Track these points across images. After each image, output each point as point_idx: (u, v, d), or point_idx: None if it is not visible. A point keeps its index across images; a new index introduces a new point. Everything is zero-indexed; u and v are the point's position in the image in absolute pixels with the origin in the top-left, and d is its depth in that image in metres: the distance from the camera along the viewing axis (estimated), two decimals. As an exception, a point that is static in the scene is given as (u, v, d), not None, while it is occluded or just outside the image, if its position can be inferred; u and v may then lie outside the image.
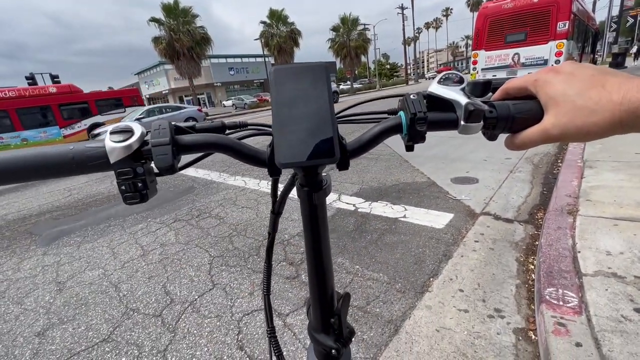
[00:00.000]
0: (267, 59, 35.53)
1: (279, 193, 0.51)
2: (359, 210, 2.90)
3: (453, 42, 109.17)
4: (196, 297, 1.95)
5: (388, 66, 74.64)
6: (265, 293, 0.56)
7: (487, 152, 4.20)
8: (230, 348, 1.54)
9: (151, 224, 3.26)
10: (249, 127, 0.44)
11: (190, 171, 5.29)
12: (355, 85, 43.80)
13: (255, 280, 2.05)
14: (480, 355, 1.33)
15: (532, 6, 8.07)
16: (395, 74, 71.63)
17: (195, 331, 1.67)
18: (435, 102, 0.37)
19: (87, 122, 14.65)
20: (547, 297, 1.43)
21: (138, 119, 12.50)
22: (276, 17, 29.71)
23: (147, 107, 13.78)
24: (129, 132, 0.33)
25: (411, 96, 0.37)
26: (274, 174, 0.37)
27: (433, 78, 0.42)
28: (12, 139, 13.40)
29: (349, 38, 35.14)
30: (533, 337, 1.38)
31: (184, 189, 4.34)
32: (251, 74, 49.60)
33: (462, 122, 0.35)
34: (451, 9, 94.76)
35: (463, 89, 0.36)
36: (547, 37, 7.97)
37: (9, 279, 2.49)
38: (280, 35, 29.65)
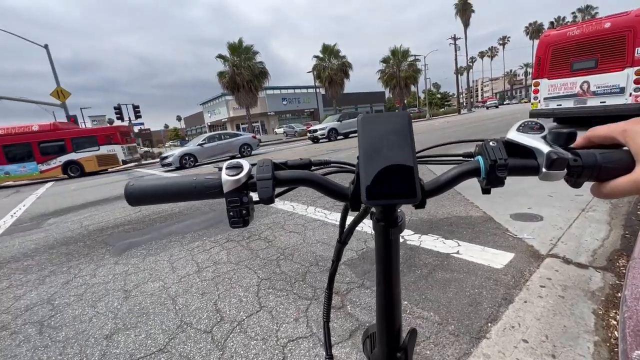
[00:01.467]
0: (317, 90, 37.28)
1: (346, 223, 0.54)
2: (408, 242, 2.81)
3: (510, 71, 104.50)
4: (244, 317, 2.01)
5: (439, 95, 73.37)
6: (325, 320, 0.58)
7: (552, 187, 3.84)
8: (274, 373, 1.55)
9: (206, 242, 3.49)
10: (332, 164, 0.49)
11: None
12: (404, 115, 43.46)
13: (300, 306, 2.06)
14: (550, 420, 1.16)
15: (603, 32, 7.51)
16: (446, 103, 69.99)
17: (242, 352, 1.71)
18: (514, 148, 0.38)
19: (62, 159, 15.53)
20: (636, 360, 1.22)
21: (200, 144, 13.75)
22: (328, 51, 31.41)
23: (208, 134, 15.12)
24: (239, 167, 0.40)
25: (490, 143, 0.39)
26: (355, 209, 0.41)
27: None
28: None
29: (399, 69, 35.60)
30: (619, 407, 1.18)
31: (236, 211, 4.60)
32: (302, 104, 52.24)
33: (544, 170, 0.36)
34: (508, 37, 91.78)
35: (544, 137, 0.37)
36: (623, 64, 7.27)
37: (87, 283, 2.82)
38: (331, 68, 31.13)
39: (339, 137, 18.56)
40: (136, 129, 24.28)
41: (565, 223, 2.81)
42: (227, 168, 0.40)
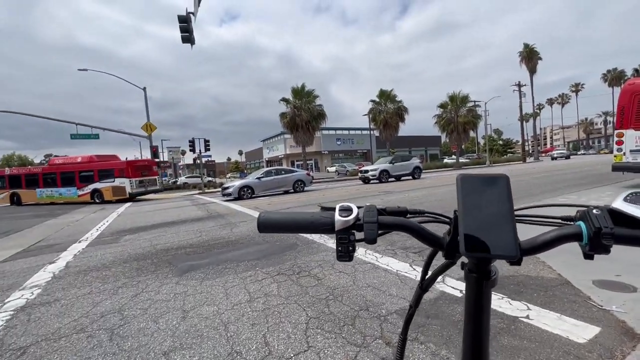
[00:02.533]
0: (372, 132, 37.95)
1: (429, 272, 0.57)
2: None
3: (586, 119, 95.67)
4: (292, 355, 2.00)
5: (500, 142, 69.36)
6: None
7: (649, 253, 3.29)
8: (320, 421, 1.48)
9: (258, 273, 3.60)
10: (426, 214, 0.54)
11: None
12: (462, 160, 41.72)
13: (349, 352, 1.99)
14: None
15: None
16: (509, 150, 65.68)
17: (288, 391, 1.69)
18: (621, 218, 0.39)
19: (90, 187, 18.78)
20: None
21: (258, 178, 14.64)
22: (385, 96, 32.32)
23: (265, 169, 16.10)
24: (350, 210, 0.46)
25: (594, 210, 0.40)
26: (448, 257, 0.45)
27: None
28: (54, 192, 19.88)
29: (457, 114, 34.87)
30: None
31: (288, 245, 4.72)
32: (356, 144, 53.36)
33: None
34: (582, 84, 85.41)
35: None
36: None
37: (151, 299, 3.07)
38: (387, 112, 31.78)
39: (390, 179, 18.34)
40: (204, 159, 26.81)
41: (668, 299, 2.36)
42: (340, 210, 0.47)
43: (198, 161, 25.02)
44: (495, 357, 1.85)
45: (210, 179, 36.56)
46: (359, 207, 0.47)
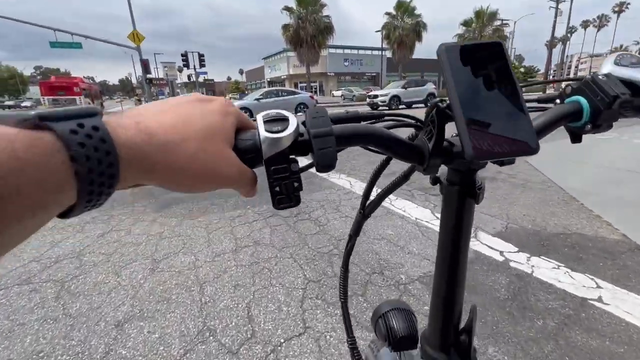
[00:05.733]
0: (383, 52, 34.54)
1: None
2: (512, 264, 2.02)
3: (621, 46, 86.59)
4: (281, 340, 1.49)
5: (522, 69, 64.13)
6: (342, 300, 0.52)
7: None
8: None
9: (249, 212, 3.04)
10: (387, 117, 0.36)
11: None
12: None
13: (360, 339, 1.48)
14: None
15: None
16: (530, 78, 61.16)
17: (273, 403, 1.20)
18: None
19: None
20: None
21: (257, 99, 13.46)
22: (403, 8, 28.28)
23: (266, 89, 14.77)
24: (284, 120, 0.28)
25: (600, 76, 0.33)
26: (430, 172, 0.33)
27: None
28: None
29: (481, 34, 31.16)
30: None
31: (286, 178, 4.10)
32: (365, 66, 49.42)
33: None
34: (628, 3, 74.88)
35: None
36: None
37: (119, 241, 2.55)
38: (403, 28, 28.17)
39: (400, 107, 16.99)
40: (200, 78, 24.96)
41: None
42: (265, 122, 0.27)
43: (193, 79, 23.17)
44: None
45: (208, 99, 34.58)
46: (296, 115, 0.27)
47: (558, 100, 0.37)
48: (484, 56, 0.28)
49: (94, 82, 62.34)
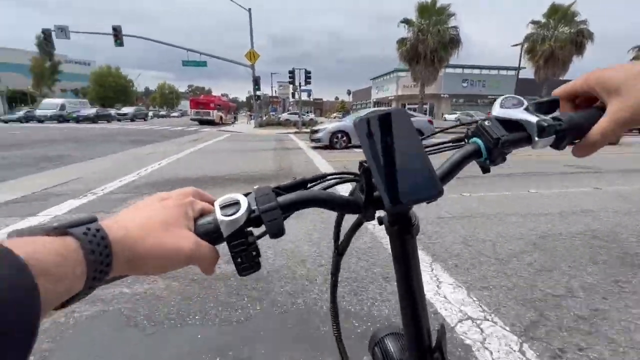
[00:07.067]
0: (518, 71, 28.22)
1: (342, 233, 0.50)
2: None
3: None
4: None
5: None
6: (335, 334, 0.55)
7: None
8: None
9: None
10: (328, 177, 0.43)
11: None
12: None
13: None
14: None
15: None
16: None
17: None
18: (503, 124, 0.39)
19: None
20: None
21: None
22: (558, 13, 22.18)
23: (370, 110, 12.17)
24: (236, 204, 0.33)
25: (486, 122, 0.39)
26: (369, 219, 0.38)
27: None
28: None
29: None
30: None
31: None
32: (487, 88, 42.57)
33: (536, 139, 0.37)
34: None
35: (527, 109, 0.39)
36: None
37: None
38: (556, 38, 21.95)
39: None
40: (304, 95, 24.32)
41: None
42: (221, 208, 0.33)
43: (297, 95, 22.62)
44: None
45: (312, 117, 34.49)
46: (245, 195, 0.35)
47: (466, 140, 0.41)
48: (388, 122, 0.36)
49: (229, 99, 72.74)
